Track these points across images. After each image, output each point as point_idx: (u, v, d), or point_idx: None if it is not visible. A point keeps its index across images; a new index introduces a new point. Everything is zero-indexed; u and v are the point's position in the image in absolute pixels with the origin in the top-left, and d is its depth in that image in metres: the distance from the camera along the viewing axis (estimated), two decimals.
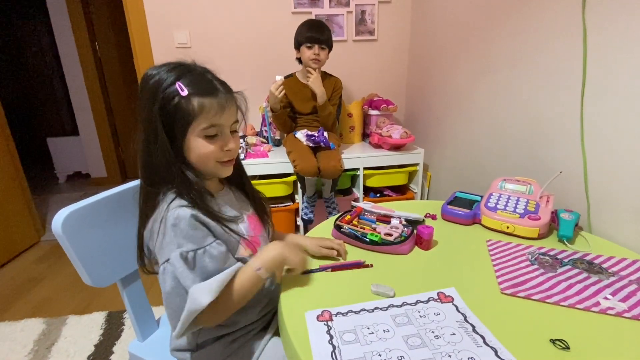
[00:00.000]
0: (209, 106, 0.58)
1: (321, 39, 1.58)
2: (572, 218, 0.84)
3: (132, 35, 1.83)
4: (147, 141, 0.58)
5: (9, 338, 1.36)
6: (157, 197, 0.61)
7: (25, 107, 3.94)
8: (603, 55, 0.90)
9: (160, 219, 0.57)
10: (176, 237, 0.55)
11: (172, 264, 0.55)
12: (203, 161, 0.61)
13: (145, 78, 0.58)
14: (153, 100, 0.56)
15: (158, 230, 0.57)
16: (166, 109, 0.56)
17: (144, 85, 0.58)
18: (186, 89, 0.57)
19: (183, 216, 0.56)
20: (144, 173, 0.61)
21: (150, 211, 0.61)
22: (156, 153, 0.58)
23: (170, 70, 0.58)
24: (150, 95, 0.57)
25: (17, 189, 2.06)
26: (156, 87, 0.56)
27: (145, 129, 0.58)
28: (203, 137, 0.59)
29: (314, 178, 1.54)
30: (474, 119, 1.49)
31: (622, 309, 0.59)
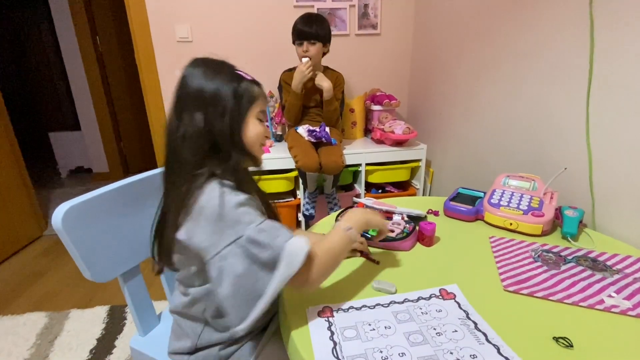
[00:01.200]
0: (259, 93, 0.65)
1: (309, 34, 1.54)
2: (576, 215, 0.83)
3: (133, 29, 1.82)
4: (207, 115, 0.59)
5: (12, 332, 1.36)
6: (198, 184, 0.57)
7: (27, 101, 3.94)
8: (610, 51, 0.88)
9: (211, 204, 0.54)
10: (241, 216, 0.54)
11: (243, 243, 0.52)
12: (255, 142, 0.65)
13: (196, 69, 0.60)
14: (220, 82, 0.60)
15: (211, 217, 0.54)
16: (238, 90, 0.61)
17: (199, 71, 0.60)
18: (247, 75, 0.64)
19: (242, 197, 0.56)
20: (194, 148, 0.59)
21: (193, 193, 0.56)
22: (221, 125, 0.59)
23: (220, 63, 0.63)
24: (214, 77, 0.60)
25: (20, 183, 2.06)
26: (219, 72, 0.61)
27: (205, 105, 0.59)
28: (258, 119, 0.65)
29: (315, 174, 1.54)
30: (477, 114, 1.47)
31: (627, 306, 0.58)
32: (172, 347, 0.70)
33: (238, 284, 0.52)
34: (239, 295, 0.52)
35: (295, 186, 1.75)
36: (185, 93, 0.60)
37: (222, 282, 0.52)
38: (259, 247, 0.52)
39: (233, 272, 0.52)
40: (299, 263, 0.52)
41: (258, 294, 0.52)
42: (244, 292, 0.52)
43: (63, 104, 3.99)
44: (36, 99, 3.99)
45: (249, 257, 0.52)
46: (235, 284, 0.52)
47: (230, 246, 0.52)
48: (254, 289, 0.52)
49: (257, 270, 0.52)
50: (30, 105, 3.97)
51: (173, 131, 0.60)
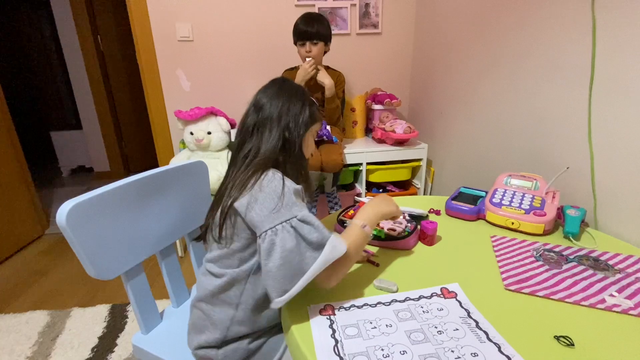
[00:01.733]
0: (320, 117, 0.76)
1: (311, 34, 1.54)
2: (578, 214, 0.83)
3: (134, 28, 1.82)
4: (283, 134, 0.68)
5: (14, 330, 1.37)
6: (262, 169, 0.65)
7: (29, 101, 3.94)
8: (613, 50, 0.88)
9: (273, 185, 0.61)
10: (297, 200, 0.61)
11: (296, 223, 0.58)
12: (307, 153, 0.74)
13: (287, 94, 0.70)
14: (302, 105, 0.70)
15: (271, 195, 0.60)
16: (312, 113, 0.72)
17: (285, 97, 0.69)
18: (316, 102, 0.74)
19: (297, 185, 0.63)
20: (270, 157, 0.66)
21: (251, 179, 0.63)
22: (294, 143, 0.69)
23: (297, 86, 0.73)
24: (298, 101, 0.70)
25: (21, 182, 2.07)
26: (302, 96, 0.71)
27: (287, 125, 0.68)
28: (312, 137, 0.75)
29: (317, 172, 1.54)
30: (479, 113, 1.47)
31: (628, 306, 0.58)
32: (196, 342, 0.68)
33: (287, 257, 0.56)
34: (285, 268, 0.56)
35: None
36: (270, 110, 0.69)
37: (272, 255, 0.56)
38: (310, 227, 0.58)
39: (283, 246, 0.56)
40: (341, 252, 0.58)
41: (302, 271, 0.56)
42: (290, 266, 0.56)
43: (64, 103, 3.99)
44: (38, 98, 3.99)
45: (300, 235, 0.57)
46: (284, 257, 0.56)
47: (284, 223, 0.57)
48: (299, 266, 0.56)
49: (304, 248, 0.57)
50: (32, 105, 3.98)
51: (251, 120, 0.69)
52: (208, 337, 0.67)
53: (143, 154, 3.29)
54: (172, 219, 0.84)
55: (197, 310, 0.70)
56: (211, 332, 0.67)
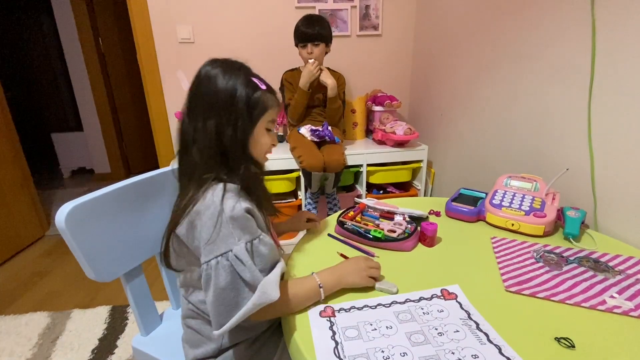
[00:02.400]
0: (273, 102, 0.64)
1: (311, 36, 1.55)
2: (579, 216, 0.83)
3: (135, 30, 1.83)
4: (220, 125, 0.59)
5: (14, 331, 1.37)
6: (202, 189, 0.59)
7: (30, 102, 3.96)
8: (612, 51, 0.88)
9: (209, 212, 0.56)
10: (235, 230, 0.55)
11: (231, 257, 0.54)
12: (260, 152, 0.66)
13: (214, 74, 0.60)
14: (234, 90, 0.59)
15: (207, 223, 0.55)
16: (250, 98, 0.60)
17: (215, 76, 0.60)
18: (263, 84, 0.62)
19: (240, 208, 0.57)
20: (205, 154, 0.60)
21: (195, 197, 0.58)
22: (231, 136, 0.60)
23: (238, 68, 0.62)
24: (229, 85, 0.59)
25: (22, 184, 2.07)
26: (234, 79, 0.60)
27: (220, 116, 0.59)
28: (266, 129, 0.65)
29: (320, 173, 1.54)
30: (479, 115, 1.47)
31: (629, 307, 0.58)
32: (192, 355, 0.67)
33: (220, 295, 0.54)
34: (219, 304, 0.54)
35: (296, 187, 1.75)
36: (200, 95, 0.60)
37: (208, 290, 0.55)
38: (243, 266, 0.55)
39: (217, 284, 0.54)
40: (271, 300, 0.54)
41: (238, 307, 0.55)
42: (225, 302, 0.54)
43: (65, 105, 4.01)
44: (39, 100, 4.00)
45: (234, 272, 0.55)
46: (217, 295, 0.54)
47: (220, 257, 0.54)
48: (234, 302, 0.55)
49: (241, 285, 0.55)
50: (33, 106, 3.99)
51: (185, 132, 0.62)
52: (205, 350, 0.66)
53: (144, 155, 3.29)
54: None
55: (188, 327, 0.69)
56: (207, 345, 0.66)
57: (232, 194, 0.58)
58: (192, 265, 0.63)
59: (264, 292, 0.54)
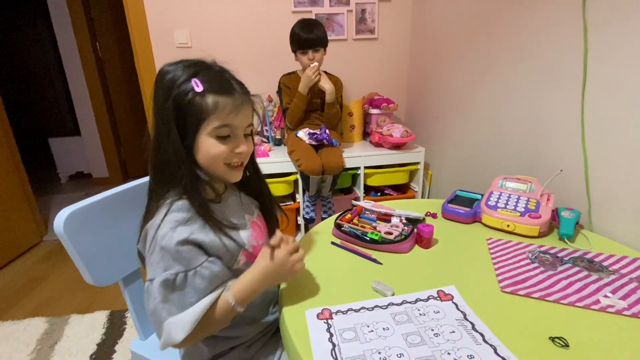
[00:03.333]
0: (223, 105, 0.56)
1: (312, 42, 1.56)
2: (573, 216, 0.84)
3: (133, 35, 1.83)
4: (159, 136, 0.57)
5: (12, 337, 1.36)
6: (160, 199, 0.59)
7: (27, 107, 3.95)
8: (604, 53, 0.89)
9: (153, 232, 0.55)
10: (163, 260, 0.54)
11: (155, 284, 0.53)
12: (211, 162, 0.59)
13: (162, 73, 0.57)
14: (167, 95, 0.55)
15: (150, 243, 0.56)
16: (180, 103, 0.55)
17: (160, 80, 0.57)
18: (202, 85, 0.55)
19: (171, 239, 0.53)
20: (152, 170, 0.59)
21: (152, 212, 0.59)
22: (167, 149, 0.56)
23: (187, 66, 0.57)
24: (164, 89, 0.55)
25: (19, 189, 2.07)
26: (171, 82, 0.55)
27: (157, 123, 0.57)
28: (215, 137, 0.57)
29: (318, 176, 1.54)
30: (474, 117, 1.48)
31: (622, 306, 0.59)
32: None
33: (151, 316, 0.54)
34: (154, 323, 0.55)
35: (294, 190, 1.76)
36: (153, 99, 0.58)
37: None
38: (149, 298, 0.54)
39: (147, 305, 0.55)
40: (172, 342, 0.53)
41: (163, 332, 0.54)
42: (160, 321, 0.54)
43: (63, 110, 4.01)
44: (36, 105, 4.00)
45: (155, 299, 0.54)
46: (149, 315, 0.55)
47: (147, 282, 0.55)
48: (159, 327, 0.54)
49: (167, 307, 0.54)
50: (30, 111, 3.99)
51: None
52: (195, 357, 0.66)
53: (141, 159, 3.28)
54: None
55: None
56: (199, 355, 0.66)
57: (175, 218, 0.55)
58: None
59: (168, 333, 0.53)
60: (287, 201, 1.76)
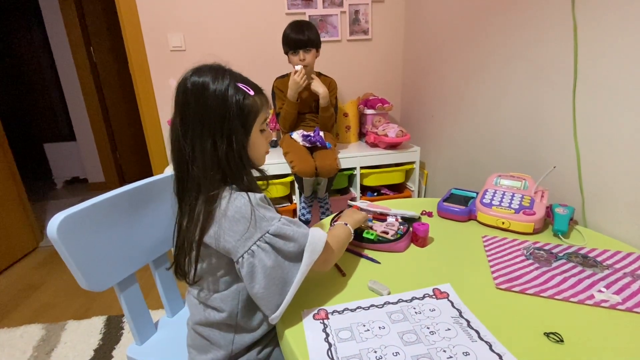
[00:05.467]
0: (263, 104, 0.63)
1: (303, 42, 1.55)
2: (567, 212, 0.84)
3: (127, 39, 1.83)
4: (215, 140, 0.58)
5: (8, 344, 1.35)
6: (217, 200, 0.59)
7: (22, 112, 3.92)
8: (593, 50, 0.90)
9: (231, 210, 0.57)
10: (264, 213, 0.58)
11: (269, 238, 0.56)
12: (258, 155, 0.66)
13: (201, 84, 0.58)
14: (225, 103, 0.58)
15: (235, 218, 0.56)
16: (242, 109, 0.59)
17: (203, 91, 0.58)
18: (251, 89, 0.61)
19: (259, 196, 0.59)
20: (209, 173, 0.59)
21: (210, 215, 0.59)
22: (228, 150, 0.59)
23: (222, 74, 0.60)
24: (219, 99, 0.58)
25: (15, 195, 2.05)
26: (224, 91, 0.58)
27: (211, 130, 0.58)
28: (259, 131, 0.64)
29: (311, 178, 1.55)
30: (468, 116, 1.49)
31: (616, 301, 0.59)
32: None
33: (270, 275, 0.56)
34: (271, 285, 0.56)
35: (291, 191, 1.76)
36: (191, 110, 0.58)
37: (255, 277, 0.56)
38: (285, 240, 0.57)
39: (264, 266, 0.55)
40: (321, 249, 0.59)
41: (289, 282, 0.57)
42: (276, 282, 0.56)
43: (58, 115, 3.97)
44: (30, 110, 3.97)
45: (276, 250, 0.57)
46: (267, 276, 0.55)
47: (258, 242, 0.56)
48: (284, 279, 0.57)
49: (284, 261, 0.57)
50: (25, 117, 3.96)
51: (181, 150, 0.60)
52: (214, 356, 0.65)
53: (138, 163, 3.28)
54: (165, 227, 0.84)
55: (194, 332, 0.68)
56: (216, 351, 0.66)
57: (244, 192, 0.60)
58: (216, 267, 0.62)
59: (313, 249, 0.58)
60: (284, 202, 1.76)
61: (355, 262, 0.76)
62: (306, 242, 0.58)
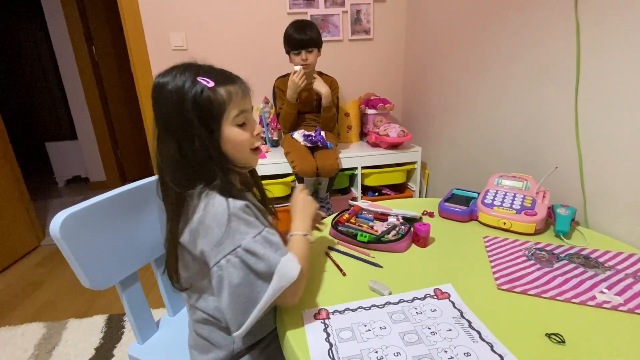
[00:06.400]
0: (235, 92, 0.59)
1: (305, 42, 1.54)
2: (569, 213, 0.84)
3: (128, 38, 1.83)
4: (180, 143, 0.57)
5: (10, 343, 1.36)
6: (192, 200, 0.58)
7: (23, 112, 3.94)
8: (596, 51, 0.90)
9: (210, 215, 0.55)
10: (239, 226, 0.54)
11: (241, 253, 0.53)
12: (238, 150, 0.61)
13: (160, 85, 0.57)
14: (180, 101, 0.55)
15: (211, 226, 0.55)
16: (198, 104, 0.56)
17: (160, 92, 0.57)
18: (211, 80, 0.57)
19: (239, 205, 0.56)
20: (177, 176, 0.58)
21: (184, 217, 0.59)
22: (194, 152, 0.57)
23: (182, 71, 0.57)
24: (173, 98, 0.56)
25: (16, 194, 2.06)
26: (178, 88, 0.56)
27: (174, 130, 0.56)
28: (235, 125, 0.60)
29: (312, 178, 1.55)
30: (470, 116, 1.49)
31: (618, 302, 0.59)
32: None
33: (235, 293, 0.53)
34: (236, 303, 0.53)
35: (292, 191, 1.76)
36: (156, 113, 0.58)
37: (221, 292, 0.54)
38: (255, 258, 0.54)
39: (230, 283, 0.53)
40: (291, 279, 0.54)
41: (255, 302, 0.54)
42: (241, 301, 0.53)
43: (59, 114, 3.99)
44: (32, 109, 3.99)
45: (246, 266, 0.54)
46: (232, 294, 0.53)
47: (228, 256, 0.53)
48: (250, 298, 0.53)
49: (254, 279, 0.54)
50: (27, 116, 3.97)
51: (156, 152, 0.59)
52: (215, 357, 0.65)
53: (139, 163, 3.29)
54: None
55: (196, 334, 0.68)
56: (217, 352, 0.65)
57: (221, 198, 0.57)
58: (200, 274, 0.62)
59: (282, 275, 0.53)
60: (285, 202, 1.76)
61: (356, 261, 0.76)
62: (277, 265, 0.54)
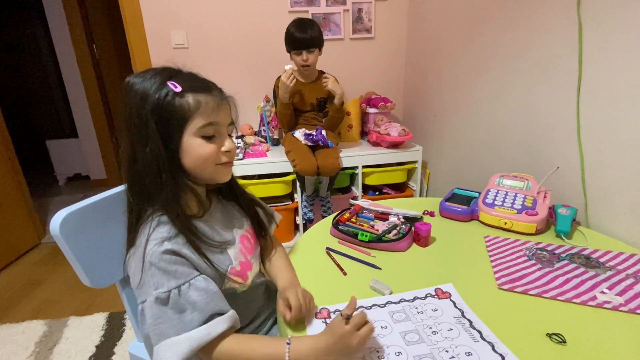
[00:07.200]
0: (205, 102, 0.54)
1: (306, 42, 1.54)
2: (570, 213, 0.84)
3: (129, 36, 1.83)
4: (133, 146, 0.53)
5: (11, 340, 1.36)
6: (142, 217, 0.55)
7: (24, 110, 3.94)
8: (598, 51, 0.90)
9: (136, 254, 0.52)
10: (153, 277, 0.50)
11: (146, 306, 0.49)
12: (201, 164, 0.56)
13: (130, 85, 0.53)
14: (142, 102, 0.51)
15: (133, 266, 0.52)
16: (160, 107, 0.51)
17: (129, 91, 0.53)
18: (180, 85, 0.53)
19: (159, 251, 0.50)
20: (129, 185, 0.55)
21: (134, 230, 0.55)
22: (146, 157, 0.52)
23: (157, 73, 0.54)
24: (137, 98, 0.52)
25: (17, 192, 2.06)
26: (144, 89, 0.52)
27: (131, 133, 0.52)
28: (200, 137, 0.55)
29: (313, 177, 1.55)
30: (471, 115, 1.49)
31: (619, 302, 0.59)
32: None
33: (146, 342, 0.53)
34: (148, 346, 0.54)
35: (292, 189, 1.76)
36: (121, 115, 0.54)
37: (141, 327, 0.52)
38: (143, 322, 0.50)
39: (142, 329, 0.51)
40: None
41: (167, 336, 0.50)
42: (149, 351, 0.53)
43: (60, 112, 3.99)
44: (33, 107, 3.98)
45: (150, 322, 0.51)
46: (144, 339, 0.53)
47: (140, 305, 0.51)
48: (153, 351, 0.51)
49: None
50: (28, 114, 3.97)
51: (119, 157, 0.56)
52: None
53: None
54: None
55: None
56: None
57: (160, 235, 0.52)
58: None
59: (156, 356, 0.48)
60: (285, 201, 1.76)
61: (354, 262, 0.76)
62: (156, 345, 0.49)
